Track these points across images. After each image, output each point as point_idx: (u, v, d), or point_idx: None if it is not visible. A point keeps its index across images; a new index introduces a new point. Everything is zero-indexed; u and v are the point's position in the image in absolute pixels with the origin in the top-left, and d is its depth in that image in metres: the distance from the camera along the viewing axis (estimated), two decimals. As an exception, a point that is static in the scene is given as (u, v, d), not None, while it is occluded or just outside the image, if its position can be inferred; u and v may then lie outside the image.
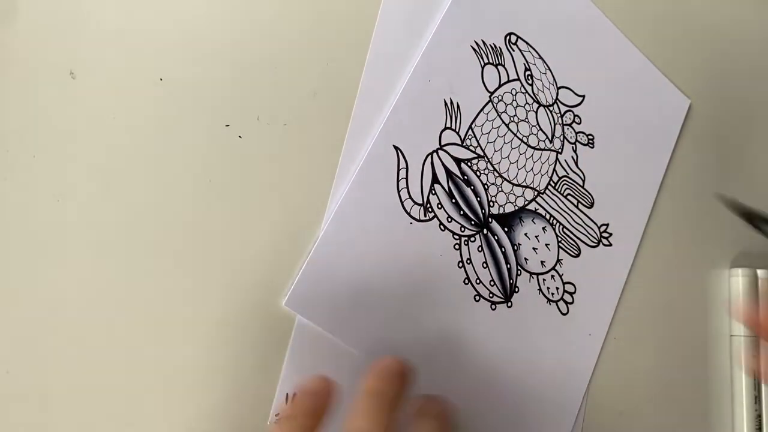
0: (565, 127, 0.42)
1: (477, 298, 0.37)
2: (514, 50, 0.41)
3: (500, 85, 0.40)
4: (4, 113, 0.31)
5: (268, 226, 0.34)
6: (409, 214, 0.36)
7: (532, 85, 0.41)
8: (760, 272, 0.44)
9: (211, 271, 0.33)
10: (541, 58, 0.42)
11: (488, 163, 0.39)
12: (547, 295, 0.39)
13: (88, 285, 0.31)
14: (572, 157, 0.42)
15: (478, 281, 0.37)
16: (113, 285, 0.31)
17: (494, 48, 0.40)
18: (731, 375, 0.44)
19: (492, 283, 0.38)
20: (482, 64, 0.40)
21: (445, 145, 0.38)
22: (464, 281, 0.37)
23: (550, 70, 0.42)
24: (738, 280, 0.44)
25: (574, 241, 0.41)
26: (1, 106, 0.31)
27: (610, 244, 0.42)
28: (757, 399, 0.42)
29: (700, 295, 0.44)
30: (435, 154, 0.37)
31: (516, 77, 0.41)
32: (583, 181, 0.42)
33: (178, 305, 0.32)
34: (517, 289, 0.38)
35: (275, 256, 0.34)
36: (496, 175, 0.39)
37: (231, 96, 0.34)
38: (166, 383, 0.32)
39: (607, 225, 0.43)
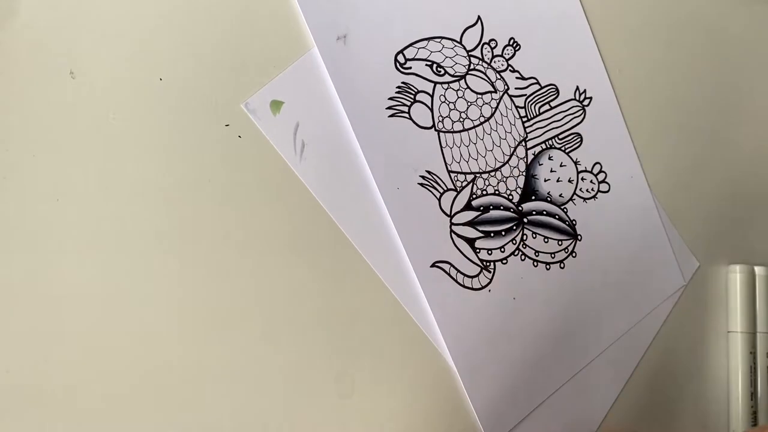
0: (493, 63, 0.41)
1: (562, 265, 0.42)
2: (411, 66, 0.38)
3: (432, 110, 0.39)
4: (5, 113, 0.32)
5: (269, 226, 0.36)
6: (482, 287, 0.39)
7: (445, 73, 0.39)
8: (757, 269, 0.44)
9: (210, 271, 0.35)
10: (428, 39, 0.39)
11: (482, 175, 0.40)
12: (590, 195, 0.43)
13: (88, 284, 0.33)
14: (516, 77, 0.42)
15: (553, 255, 0.41)
16: (113, 284, 0.33)
17: (401, 88, 0.38)
18: (728, 371, 0.44)
19: (560, 242, 0.42)
20: (408, 115, 0.38)
21: (452, 211, 0.39)
22: (547, 268, 0.41)
23: (442, 37, 0.40)
24: (736, 276, 0.43)
25: (570, 133, 0.43)
26: (2, 106, 0.32)
27: (591, 99, 0.44)
28: (753, 396, 0.43)
29: (698, 292, 0.44)
30: (452, 227, 0.39)
31: (432, 83, 0.39)
32: (539, 81, 0.42)
33: (177, 304, 0.34)
34: (575, 222, 0.42)
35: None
36: (494, 173, 0.40)
37: (231, 96, 0.35)
38: (165, 383, 0.34)
39: (577, 88, 0.43)
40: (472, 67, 0.40)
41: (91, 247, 0.33)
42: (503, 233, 0.40)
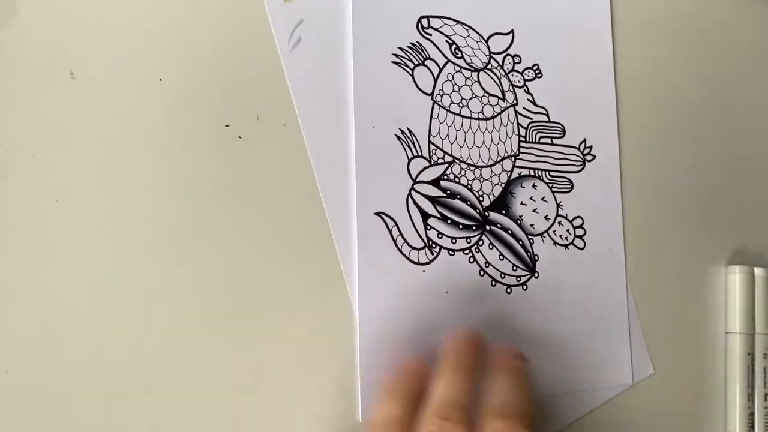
0: (510, 75, 0.41)
1: (509, 290, 0.39)
2: (431, 34, 0.39)
3: (435, 80, 0.39)
4: (4, 113, 0.32)
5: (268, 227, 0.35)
6: (418, 263, 0.37)
7: (462, 57, 0.39)
8: (757, 270, 0.44)
9: (210, 271, 0.34)
10: (458, 22, 0.40)
11: (461, 164, 0.39)
12: (562, 242, 0.41)
13: (88, 285, 0.32)
14: (528, 99, 0.41)
15: (503, 275, 0.39)
16: (112, 285, 0.33)
17: (413, 47, 0.38)
18: (725, 372, 0.44)
19: (515, 267, 0.39)
20: (410, 72, 0.38)
21: (417, 177, 0.37)
22: (492, 284, 0.39)
23: (471, 27, 0.40)
24: (735, 277, 0.44)
25: (563, 177, 0.42)
26: (1, 106, 0.32)
27: (594, 156, 0.43)
28: (750, 396, 0.43)
29: (696, 293, 0.44)
30: (412, 192, 0.37)
31: (445, 60, 0.39)
32: (548, 114, 0.42)
33: (178, 305, 0.33)
34: (537, 257, 0.40)
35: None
36: (473, 169, 0.39)
37: (231, 96, 0.35)
38: (166, 383, 0.33)
39: (584, 141, 0.43)
40: (489, 67, 0.40)
41: (91, 247, 0.33)
42: (461, 226, 0.38)
